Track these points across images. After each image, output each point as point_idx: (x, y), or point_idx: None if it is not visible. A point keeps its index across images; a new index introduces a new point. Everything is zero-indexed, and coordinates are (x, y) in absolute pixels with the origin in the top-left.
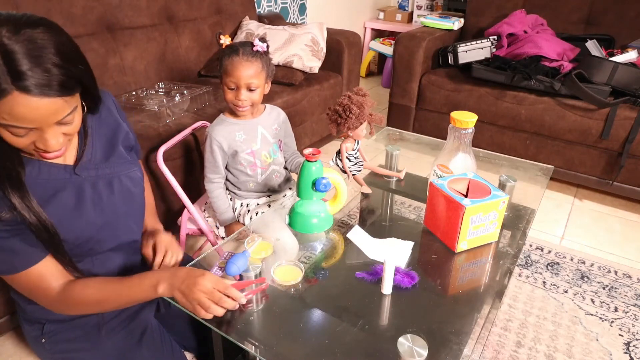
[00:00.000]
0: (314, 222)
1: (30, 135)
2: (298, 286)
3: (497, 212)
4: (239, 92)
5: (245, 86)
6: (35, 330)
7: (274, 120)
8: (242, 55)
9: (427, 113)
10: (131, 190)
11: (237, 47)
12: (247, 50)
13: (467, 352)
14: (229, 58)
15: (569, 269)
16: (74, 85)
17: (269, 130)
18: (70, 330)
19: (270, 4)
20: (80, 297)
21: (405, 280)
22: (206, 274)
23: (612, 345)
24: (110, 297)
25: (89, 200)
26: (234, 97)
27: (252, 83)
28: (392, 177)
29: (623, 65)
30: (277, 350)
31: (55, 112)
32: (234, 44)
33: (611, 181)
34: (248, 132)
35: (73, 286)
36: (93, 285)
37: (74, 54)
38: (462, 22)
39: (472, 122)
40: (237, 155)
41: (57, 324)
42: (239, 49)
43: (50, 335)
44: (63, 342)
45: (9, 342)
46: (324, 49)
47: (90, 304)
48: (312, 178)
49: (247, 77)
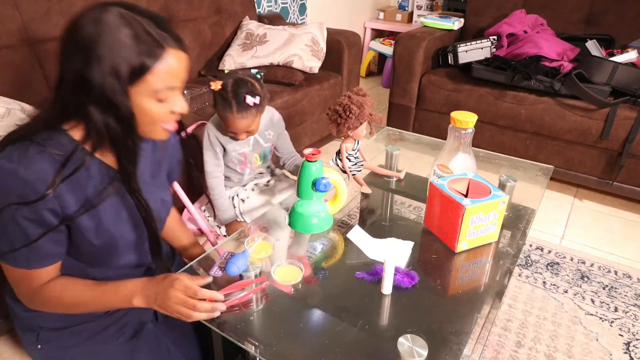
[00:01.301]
0: (314, 222)
1: (169, 100)
2: (298, 286)
3: (497, 212)
4: (237, 135)
5: (243, 131)
6: (31, 337)
7: (267, 125)
8: (236, 112)
9: (427, 113)
10: (160, 214)
11: (230, 100)
12: (240, 106)
13: (467, 352)
14: (224, 111)
15: (569, 269)
16: None
17: (261, 136)
18: (67, 337)
19: (270, 4)
20: (57, 296)
21: (405, 280)
22: (175, 283)
23: (612, 345)
24: (86, 302)
25: (127, 211)
26: (235, 135)
27: (252, 129)
28: (392, 177)
29: (623, 65)
30: (277, 350)
31: (187, 69)
32: (227, 96)
33: (611, 181)
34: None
35: (54, 285)
36: (73, 287)
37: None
38: (462, 22)
39: (472, 122)
40: (229, 153)
41: (53, 331)
42: (233, 105)
43: (46, 342)
44: (59, 349)
45: (7, 345)
46: (324, 49)
47: (64, 305)
48: (312, 178)
49: (244, 127)
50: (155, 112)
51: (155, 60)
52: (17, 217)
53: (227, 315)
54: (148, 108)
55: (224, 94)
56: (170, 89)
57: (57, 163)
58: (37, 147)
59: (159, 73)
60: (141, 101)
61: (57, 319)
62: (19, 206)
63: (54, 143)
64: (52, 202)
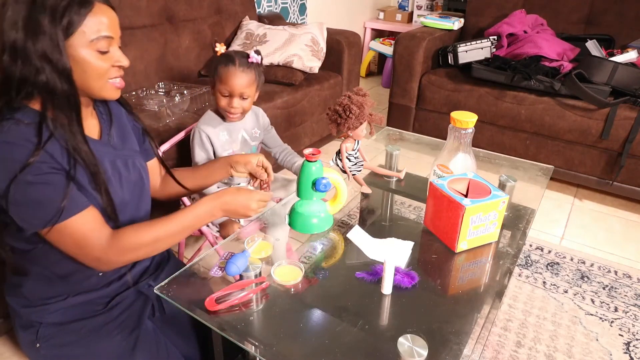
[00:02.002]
0: (314, 222)
1: (109, 53)
2: (298, 286)
3: (497, 212)
4: (232, 99)
5: (238, 95)
6: (30, 335)
7: (254, 123)
8: (238, 65)
9: (427, 113)
10: (142, 174)
11: (234, 56)
12: (243, 61)
13: (467, 352)
14: (225, 66)
15: (569, 269)
16: None
17: (249, 134)
18: (66, 334)
19: (270, 4)
20: (134, 241)
21: (405, 280)
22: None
23: (612, 345)
24: (166, 233)
25: (110, 175)
26: (227, 104)
27: (245, 92)
28: (392, 177)
29: (623, 65)
30: (277, 350)
31: (117, 24)
32: (230, 53)
33: (611, 181)
34: (231, 134)
35: (123, 233)
36: (143, 228)
37: None
38: (462, 22)
39: (472, 122)
40: (218, 154)
41: (52, 327)
42: (235, 59)
43: (45, 340)
44: (58, 346)
45: (7, 345)
46: (324, 49)
47: (145, 246)
48: (312, 178)
49: (241, 86)
50: (97, 65)
51: (84, 13)
52: (29, 183)
53: (227, 315)
54: (89, 60)
55: (227, 54)
56: (106, 38)
57: (32, 128)
58: (9, 121)
59: (91, 24)
60: (80, 54)
61: (57, 314)
62: (21, 172)
63: (21, 117)
64: (47, 160)
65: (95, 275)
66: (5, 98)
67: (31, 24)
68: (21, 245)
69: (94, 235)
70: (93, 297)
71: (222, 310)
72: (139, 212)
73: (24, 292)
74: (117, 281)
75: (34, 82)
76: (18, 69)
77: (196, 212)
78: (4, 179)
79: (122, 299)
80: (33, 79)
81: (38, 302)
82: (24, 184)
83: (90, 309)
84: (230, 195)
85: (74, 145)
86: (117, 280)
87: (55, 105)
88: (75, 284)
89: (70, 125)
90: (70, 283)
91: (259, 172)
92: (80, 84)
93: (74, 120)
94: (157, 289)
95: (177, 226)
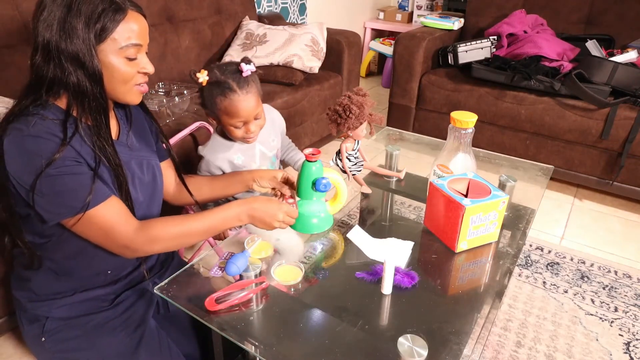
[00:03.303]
0: (314, 222)
1: (137, 60)
2: (298, 286)
3: (497, 212)
4: (247, 126)
5: (253, 119)
6: (36, 329)
7: (269, 130)
8: (238, 89)
9: (427, 113)
10: (156, 175)
11: (227, 80)
12: (240, 81)
13: (467, 352)
14: (225, 97)
15: (569, 269)
16: None
17: (266, 146)
18: (71, 329)
19: (270, 4)
20: (162, 232)
21: (405, 280)
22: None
23: (612, 345)
24: (194, 228)
25: (133, 174)
26: (244, 133)
27: (258, 112)
28: (392, 177)
29: (623, 65)
30: (277, 350)
31: (147, 30)
32: (219, 78)
33: (611, 181)
34: (246, 153)
35: (151, 223)
36: (172, 221)
37: None
38: (462, 22)
39: (472, 122)
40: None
41: (58, 321)
42: (231, 83)
43: (51, 334)
44: (63, 340)
45: (8, 343)
46: (324, 49)
47: (172, 238)
48: (312, 178)
49: (252, 109)
50: (124, 71)
51: (118, 20)
52: (56, 175)
53: (227, 315)
54: (117, 66)
55: (216, 79)
56: (135, 46)
57: (57, 124)
58: (35, 117)
59: (122, 32)
60: (110, 59)
61: (64, 309)
62: (48, 166)
63: (46, 113)
64: (72, 154)
65: (102, 272)
66: (33, 96)
67: (66, 27)
68: (35, 238)
69: (121, 223)
70: (100, 294)
71: (222, 310)
72: (151, 212)
73: (32, 286)
74: (124, 279)
75: (64, 83)
76: (50, 69)
77: (224, 214)
78: (31, 172)
79: (127, 296)
80: (64, 80)
81: (45, 297)
82: (51, 176)
83: (96, 305)
84: (260, 203)
85: (100, 145)
86: (124, 278)
87: (84, 106)
88: (83, 280)
89: (98, 127)
90: (78, 279)
91: (284, 188)
92: (107, 87)
93: (102, 121)
94: (157, 289)
95: (204, 225)
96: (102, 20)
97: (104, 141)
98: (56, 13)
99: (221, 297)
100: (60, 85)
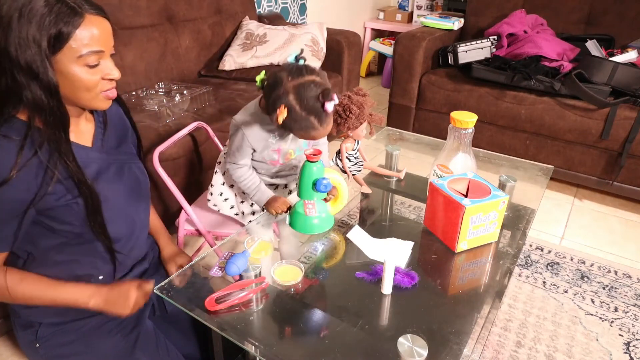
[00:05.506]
0: (314, 223)
1: (99, 66)
2: (298, 286)
3: (497, 212)
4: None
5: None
6: (29, 335)
7: None
8: (320, 127)
9: (427, 113)
10: (139, 177)
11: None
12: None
13: (467, 352)
14: (304, 131)
15: (569, 269)
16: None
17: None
18: (65, 334)
19: (271, 4)
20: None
21: (405, 280)
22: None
23: (612, 345)
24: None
25: (100, 183)
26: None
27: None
28: (392, 177)
29: (623, 65)
30: (277, 350)
31: (111, 34)
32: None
33: (611, 181)
34: (282, 134)
35: (11, 273)
36: (24, 284)
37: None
38: (462, 22)
39: (472, 122)
40: (260, 154)
41: (52, 327)
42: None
43: (44, 340)
44: (57, 346)
45: (6, 345)
46: (324, 49)
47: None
48: (312, 178)
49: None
50: (86, 79)
51: (74, 27)
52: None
53: (227, 315)
54: (78, 75)
55: (295, 115)
56: (96, 53)
57: (15, 145)
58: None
59: (80, 39)
60: (69, 69)
61: (57, 314)
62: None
63: (5, 129)
64: (17, 188)
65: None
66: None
67: (17, 35)
68: (28, 247)
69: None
70: None
71: (222, 310)
72: (139, 215)
73: None
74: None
75: (19, 97)
76: (3, 82)
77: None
78: None
79: None
80: (19, 94)
81: None
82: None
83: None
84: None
85: (60, 154)
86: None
87: (43, 119)
88: None
89: (57, 142)
90: None
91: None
92: (69, 96)
93: (62, 137)
94: (157, 288)
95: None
96: (56, 27)
97: (64, 157)
98: (6, 22)
99: (221, 297)
100: (17, 99)
